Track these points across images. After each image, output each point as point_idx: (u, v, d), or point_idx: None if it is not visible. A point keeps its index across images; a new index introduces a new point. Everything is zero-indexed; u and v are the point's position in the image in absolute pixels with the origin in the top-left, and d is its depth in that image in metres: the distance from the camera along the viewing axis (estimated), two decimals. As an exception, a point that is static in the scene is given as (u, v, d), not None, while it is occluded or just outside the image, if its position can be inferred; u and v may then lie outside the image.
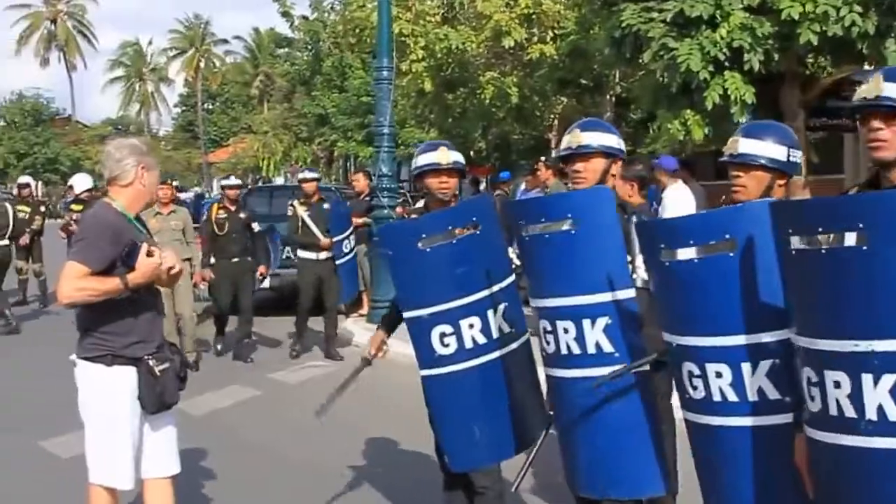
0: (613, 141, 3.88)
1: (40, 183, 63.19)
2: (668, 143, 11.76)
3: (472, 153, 26.19)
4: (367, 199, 12.39)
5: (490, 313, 3.93)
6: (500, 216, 4.18)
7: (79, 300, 3.97)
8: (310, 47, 33.01)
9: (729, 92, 10.24)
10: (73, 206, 14.13)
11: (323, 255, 10.34)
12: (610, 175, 3.90)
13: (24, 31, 73.62)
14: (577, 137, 3.83)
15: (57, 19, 73.98)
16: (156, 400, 4.04)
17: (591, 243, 3.45)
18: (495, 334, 3.95)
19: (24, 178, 15.96)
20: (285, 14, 31.10)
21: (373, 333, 4.80)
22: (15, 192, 15.96)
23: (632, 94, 18.00)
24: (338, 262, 10.52)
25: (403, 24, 14.69)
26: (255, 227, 10.46)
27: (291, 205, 10.58)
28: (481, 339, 3.92)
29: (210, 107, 72.77)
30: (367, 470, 6.41)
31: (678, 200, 9.22)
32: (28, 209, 14.62)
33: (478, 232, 3.93)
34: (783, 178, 3.39)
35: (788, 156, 3.36)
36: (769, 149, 3.34)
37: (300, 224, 10.36)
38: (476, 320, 3.91)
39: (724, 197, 13.46)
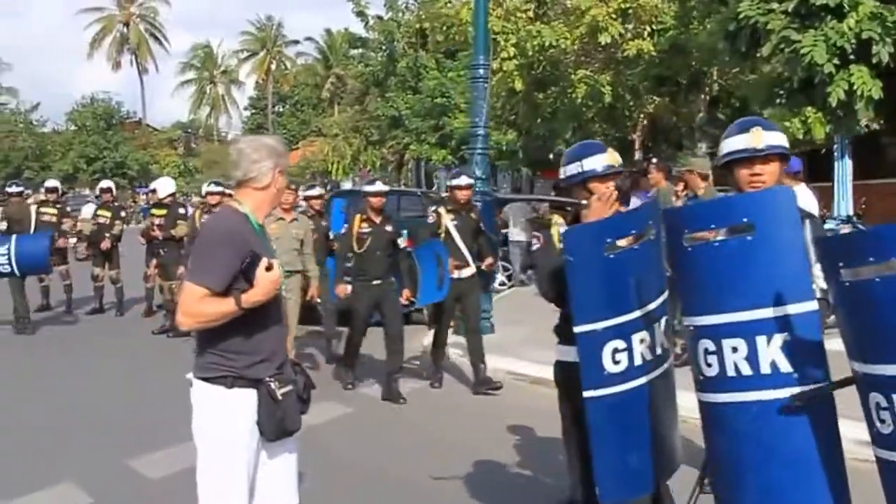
0: (787, 143, 3.67)
1: (111, 187, 63.95)
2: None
3: (551, 156, 25.57)
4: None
5: (657, 326, 3.63)
6: None
7: (194, 328, 3.60)
8: (384, 47, 32.62)
9: (855, 86, 9.59)
10: (155, 211, 13.86)
11: (466, 272, 9.03)
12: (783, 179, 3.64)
13: (97, 35, 74.81)
14: (761, 137, 3.54)
15: (129, 22, 74.96)
16: (276, 426, 3.60)
17: (771, 250, 3.07)
18: (658, 350, 3.64)
19: (105, 183, 15.48)
20: (360, 14, 30.82)
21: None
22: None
23: (728, 92, 17.32)
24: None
25: (494, 20, 13.97)
26: (401, 242, 9.20)
27: (436, 211, 9.35)
28: (648, 356, 3.59)
29: (280, 109, 73.06)
30: (466, 489, 6.04)
31: (802, 204, 8.57)
32: (109, 214, 14.35)
33: (652, 237, 3.60)
34: None
35: None
36: None
37: (443, 235, 9.01)
38: (646, 335, 3.58)
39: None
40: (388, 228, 8.88)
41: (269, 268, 3.47)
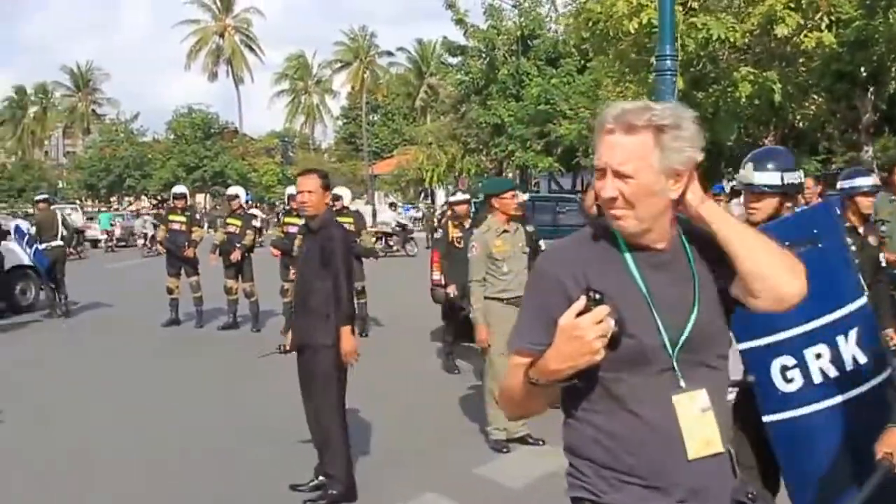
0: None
1: (208, 195, 64.67)
2: None
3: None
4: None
5: (840, 340, 3.48)
6: None
7: (511, 414, 2.44)
8: (484, 55, 32.25)
9: None
10: (287, 220, 13.14)
11: None
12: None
13: (194, 47, 75.78)
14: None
15: (225, 33, 75.74)
16: None
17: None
18: (849, 366, 3.49)
19: (233, 189, 14.55)
20: (459, 21, 30.78)
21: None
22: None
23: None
24: None
25: (651, 12, 12.84)
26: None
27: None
28: (832, 373, 3.50)
29: (373, 118, 72.99)
30: None
31: None
32: (239, 223, 13.45)
33: (819, 246, 3.51)
34: None
35: None
36: None
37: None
38: (825, 349, 3.49)
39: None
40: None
41: (583, 312, 1.98)
